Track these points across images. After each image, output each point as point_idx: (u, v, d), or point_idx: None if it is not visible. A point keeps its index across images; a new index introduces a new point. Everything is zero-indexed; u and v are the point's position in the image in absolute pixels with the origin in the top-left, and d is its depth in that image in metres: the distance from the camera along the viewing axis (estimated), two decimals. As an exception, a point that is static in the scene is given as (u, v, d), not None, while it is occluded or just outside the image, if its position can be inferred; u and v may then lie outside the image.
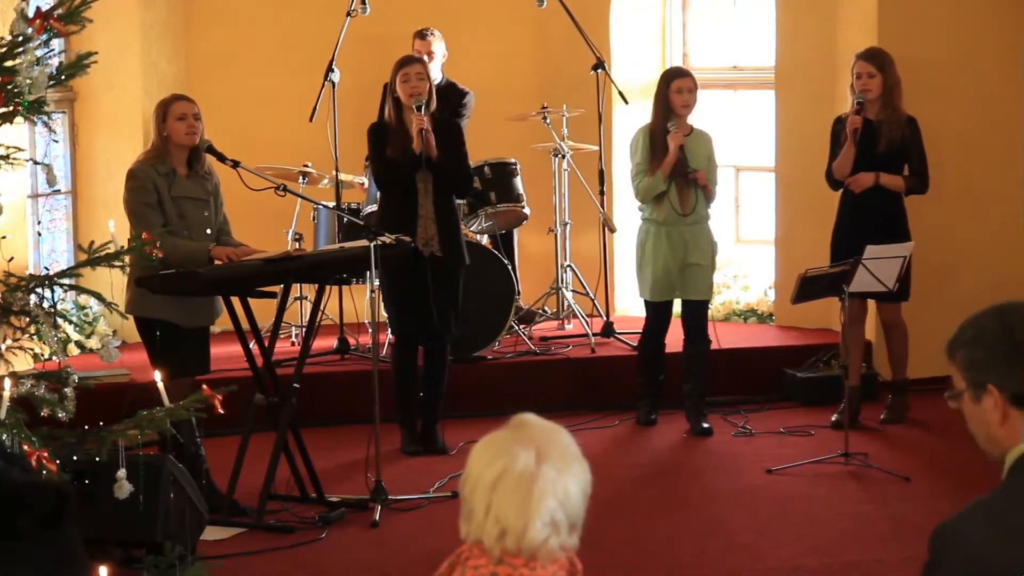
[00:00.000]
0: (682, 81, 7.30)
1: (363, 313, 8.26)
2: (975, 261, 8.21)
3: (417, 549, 5.74)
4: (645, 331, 7.58)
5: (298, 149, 8.50)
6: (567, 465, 2.53)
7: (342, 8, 8.18)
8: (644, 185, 7.31)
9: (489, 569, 2.52)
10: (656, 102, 7.38)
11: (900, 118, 7.35)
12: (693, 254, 7.34)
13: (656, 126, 7.32)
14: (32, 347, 4.87)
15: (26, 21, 4.39)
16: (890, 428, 7.49)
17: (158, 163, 6.17)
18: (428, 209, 6.92)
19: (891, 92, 7.32)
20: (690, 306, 7.44)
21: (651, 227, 7.38)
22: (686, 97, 7.26)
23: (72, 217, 8.77)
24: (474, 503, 2.52)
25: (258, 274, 6.12)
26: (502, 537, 2.50)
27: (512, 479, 2.49)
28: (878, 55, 7.36)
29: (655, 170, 7.25)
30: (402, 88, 6.83)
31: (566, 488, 2.51)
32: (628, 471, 6.86)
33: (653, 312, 7.49)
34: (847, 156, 7.32)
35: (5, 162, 4.57)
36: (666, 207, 7.30)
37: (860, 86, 7.31)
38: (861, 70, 7.32)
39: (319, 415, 7.46)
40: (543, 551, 2.50)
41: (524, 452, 2.50)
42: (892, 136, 7.31)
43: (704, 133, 7.49)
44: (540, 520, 2.48)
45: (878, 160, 7.33)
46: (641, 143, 7.34)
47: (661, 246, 7.32)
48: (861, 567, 5.51)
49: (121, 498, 4.52)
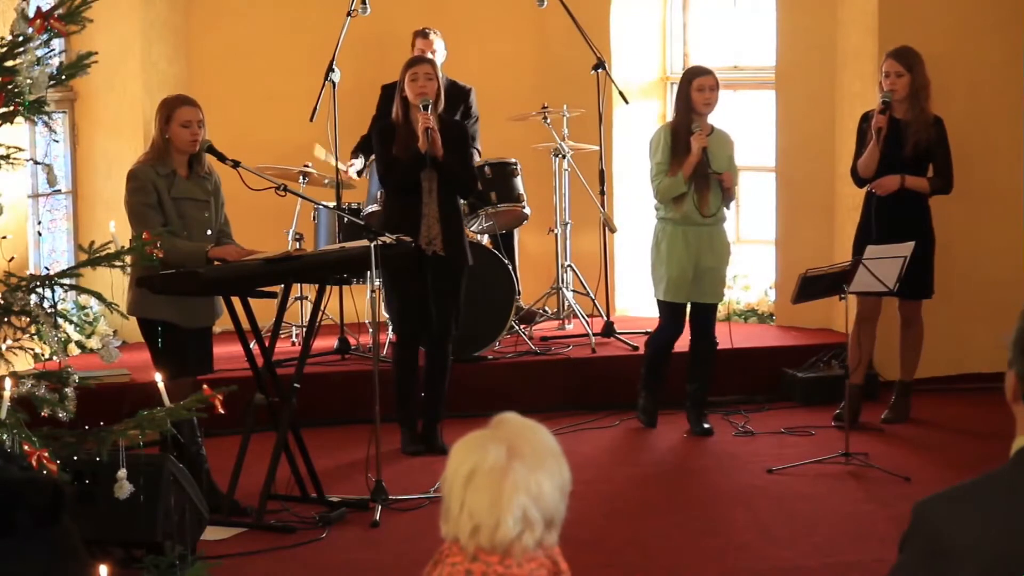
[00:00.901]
0: (704, 79, 7.23)
1: (363, 313, 8.26)
2: (975, 261, 8.20)
3: (417, 549, 5.73)
4: (658, 333, 7.48)
5: (298, 149, 8.50)
6: (540, 461, 2.52)
7: (342, 8, 8.18)
8: (665, 185, 7.22)
9: (465, 566, 2.53)
10: (678, 100, 7.33)
11: (927, 118, 7.30)
12: (709, 256, 7.30)
13: (678, 125, 7.25)
14: (32, 347, 4.87)
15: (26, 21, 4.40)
16: (890, 428, 7.49)
17: (158, 164, 6.16)
18: (432, 208, 6.92)
19: (919, 92, 7.26)
20: (701, 308, 7.39)
21: (667, 226, 7.30)
22: (708, 95, 7.19)
23: (72, 217, 8.77)
24: (450, 500, 2.53)
25: (258, 274, 6.11)
26: (475, 533, 2.50)
27: (483, 475, 2.49)
28: (907, 54, 7.30)
29: (676, 170, 7.19)
30: (410, 87, 6.84)
31: (539, 484, 2.50)
32: (628, 471, 6.86)
33: (668, 314, 7.39)
34: (872, 156, 7.27)
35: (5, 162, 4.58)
36: (686, 207, 7.22)
37: (888, 85, 7.25)
38: (889, 69, 7.27)
39: (319, 415, 7.47)
40: (517, 548, 2.50)
41: (495, 448, 2.51)
42: (919, 137, 7.26)
43: (725, 134, 7.41)
44: (511, 516, 2.48)
45: (904, 161, 7.29)
46: (662, 142, 7.26)
47: (677, 246, 7.25)
48: (861, 567, 5.51)
49: (121, 498, 4.53)
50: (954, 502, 2.35)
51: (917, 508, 2.37)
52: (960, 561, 2.27)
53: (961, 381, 8.23)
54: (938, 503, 2.36)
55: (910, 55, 7.31)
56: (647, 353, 7.56)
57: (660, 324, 7.49)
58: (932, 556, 2.30)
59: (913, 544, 2.35)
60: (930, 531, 2.32)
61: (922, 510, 2.36)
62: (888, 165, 7.29)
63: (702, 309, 7.39)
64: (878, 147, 7.24)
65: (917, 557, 2.33)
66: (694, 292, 7.33)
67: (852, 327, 7.26)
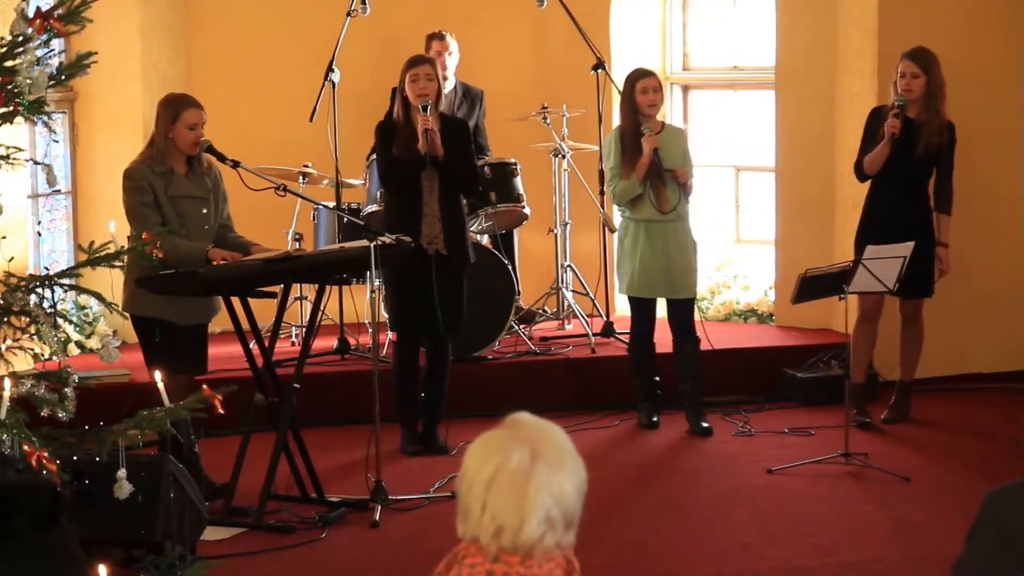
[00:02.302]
0: (647, 81, 7.29)
1: (363, 313, 8.26)
2: (975, 261, 8.20)
3: (417, 549, 5.74)
4: (632, 331, 7.56)
5: (298, 149, 8.49)
6: (561, 462, 2.54)
7: (342, 8, 8.18)
8: (620, 189, 7.30)
9: (485, 567, 2.53)
10: (623, 104, 7.39)
11: (941, 122, 7.27)
12: (676, 253, 7.34)
13: (626, 128, 7.32)
14: (32, 347, 4.87)
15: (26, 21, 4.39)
16: (890, 428, 7.49)
17: (155, 163, 6.16)
18: (433, 208, 6.92)
19: (934, 94, 7.24)
20: (676, 305, 7.42)
21: (630, 224, 7.38)
22: (652, 96, 7.25)
23: (72, 217, 8.77)
24: (470, 501, 2.53)
25: (258, 274, 6.11)
26: (498, 535, 2.51)
27: (507, 477, 2.50)
28: (923, 55, 7.26)
29: (629, 173, 7.25)
30: (411, 88, 6.84)
31: (561, 485, 2.52)
32: (628, 471, 6.86)
33: (637, 309, 7.47)
34: (881, 155, 7.23)
35: (5, 162, 4.57)
36: (646, 207, 7.29)
37: (903, 86, 7.22)
38: (905, 69, 7.24)
39: (319, 415, 7.47)
40: (539, 549, 2.51)
41: (518, 450, 2.52)
42: (930, 141, 7.23)
43: (677, 128, 7.53)
44: (536, 517, 2.50)
45: (912, 163, 7.27)
46: (613, 146, 7.34)
47: (640, 242, 7.32)
48: (861, 567, 5.51)
49: (121, 498, 4.52)
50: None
51: (988, 497, 2.36)
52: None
53: (961, 381, 8.23)
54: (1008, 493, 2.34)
55: (926, 56, 7.27)
56: (631, 357, 7.59)
57: (632, 323, 7.55)
58: (1001, 545, 2.28)
59: (981, 533, 2.33)
60: (999, 519, 2.30)
61: (993, 498, 2.35)
62: (895, 165, 7.26)
63: (678, 306, 7.42)
64: (888, 147, 7.22)
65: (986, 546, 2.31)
66: (666, 289, 7.37)
67: (853, 326, 7.26)
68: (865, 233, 7.37)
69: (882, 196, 7.37)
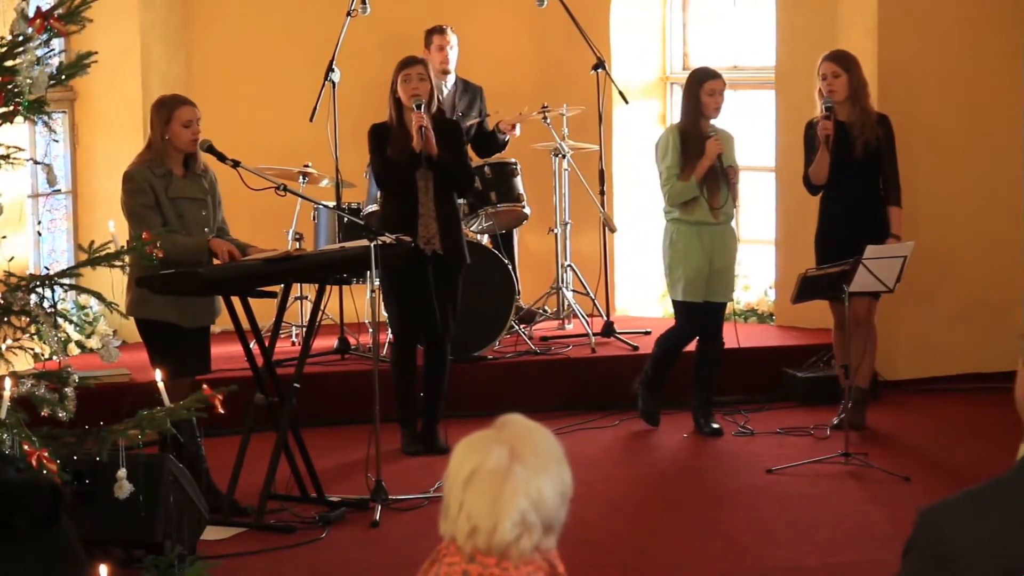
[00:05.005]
0: (716, 83, 7.18)
1: (363, 313, 8.26)
2: (974, 262, 8.20)
3: (417, 549, 5.72)
4: (674, 334, 7.40)
5: (298, 149, 8.50)
6: (542, 465, 2.50)
7: (342, 8, 8.18)
8: (678, 189, 7.16)
9: (462, 567, 2.51)
10: (686, 102, 7.25)
11: (871, 117, 7.26)
12: (721, 256, 7.26)
13: (687, 127, 7.20)
14: (32, 347, 4.87)
15: (26, 21, 4.40)
16: (890, 428, 7.48)
17: (154, 165, 6.16)
18: (429, 207, 6.92)
19: (858, 93, 7.23)
20: (712, 308, 7.34)
21: (681, 227, 7.23)
22: (719, 99, 7.16)
23: (72, 217, 8.77)
24: (450, 499, 2.52)
25: (258, 274, 6.11)
26: (472, 535, 2.48)
27: (484, 477, 2.47)
28: (843, 55, 7.29)
29: (689, 174, 7.14)
30: (403, 88, 6.84)
31: (540, 489, 2.47)
32: (628, 471, 6.86)
33: (685, 314, 7.33)
34: (822, 161, 7.20)
35: (5, 162, 4.58)
36: (700, 209, 7.18)
37: (826, 87, 7.22)
38: (826, 71, 7.23)
39: (319, 415, 7.47)
40: (514, 551, 2.47)
41: (497, 450, 2.48)
42: (867, 137, 7.21)
43: (727, 132, 7.38)
44: (510, 520, 2.45)
45: (855, 163, 7.23)
46: (671, 145, 7.19)
47: (694, 246, 7.20)
48: (861, 567, 5.51)
49: (121, 498, 4.53)
50: (959, 509, 2.31)
51: (922, 515, 2.34)
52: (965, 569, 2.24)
53: (961, 381, 8.23)
54: (943, 510, 2.32)
55: (846, 56, 7.29)
56: (656, 352, 7.48)
57: (676, 324, 7.44)
58: (937, 564, 2.27)
59: (918, 551, 2.32)
60: (935, 538, 2.29)
61: (927, 517, 2.33)
62: (839, 169, 7.21)
63: (713, 309, 7.34)
64: (827, 152, 7.18)
65: (922, 565, 2.30)
66: (707, 292, 7.29)
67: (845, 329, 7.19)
68: (821, 242, 7.34)
69: (833, 203, 7.32)
